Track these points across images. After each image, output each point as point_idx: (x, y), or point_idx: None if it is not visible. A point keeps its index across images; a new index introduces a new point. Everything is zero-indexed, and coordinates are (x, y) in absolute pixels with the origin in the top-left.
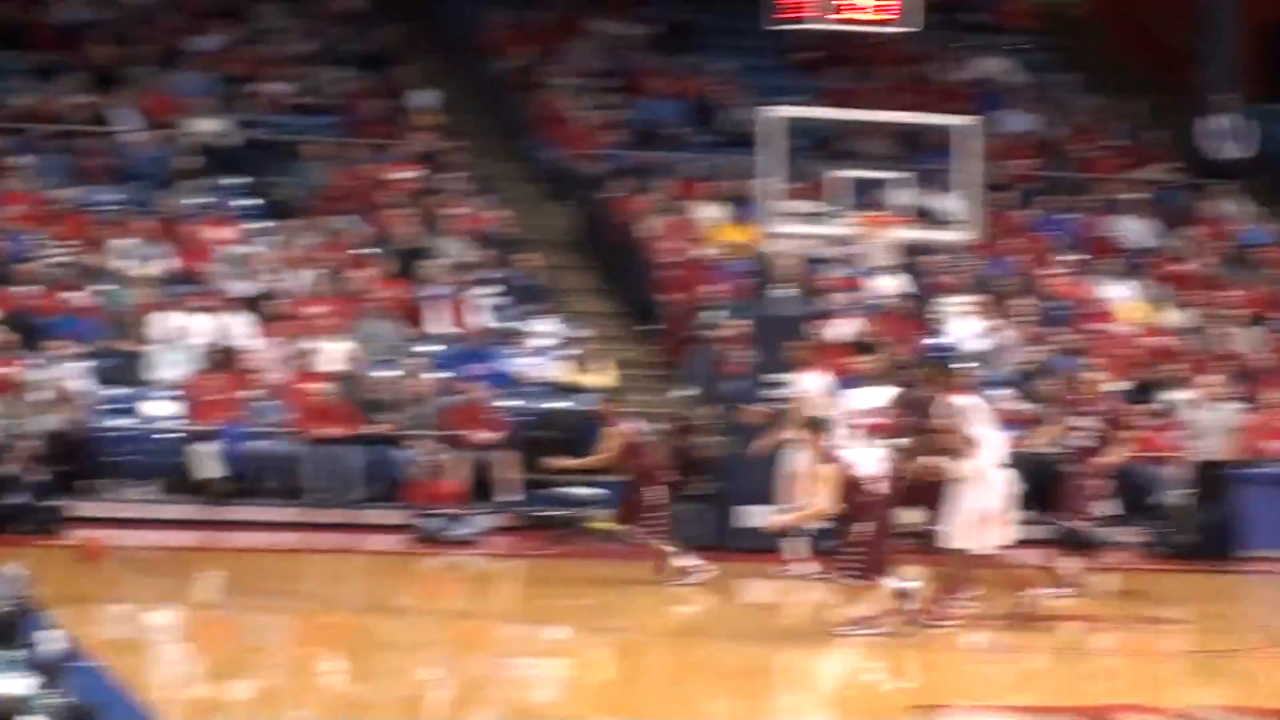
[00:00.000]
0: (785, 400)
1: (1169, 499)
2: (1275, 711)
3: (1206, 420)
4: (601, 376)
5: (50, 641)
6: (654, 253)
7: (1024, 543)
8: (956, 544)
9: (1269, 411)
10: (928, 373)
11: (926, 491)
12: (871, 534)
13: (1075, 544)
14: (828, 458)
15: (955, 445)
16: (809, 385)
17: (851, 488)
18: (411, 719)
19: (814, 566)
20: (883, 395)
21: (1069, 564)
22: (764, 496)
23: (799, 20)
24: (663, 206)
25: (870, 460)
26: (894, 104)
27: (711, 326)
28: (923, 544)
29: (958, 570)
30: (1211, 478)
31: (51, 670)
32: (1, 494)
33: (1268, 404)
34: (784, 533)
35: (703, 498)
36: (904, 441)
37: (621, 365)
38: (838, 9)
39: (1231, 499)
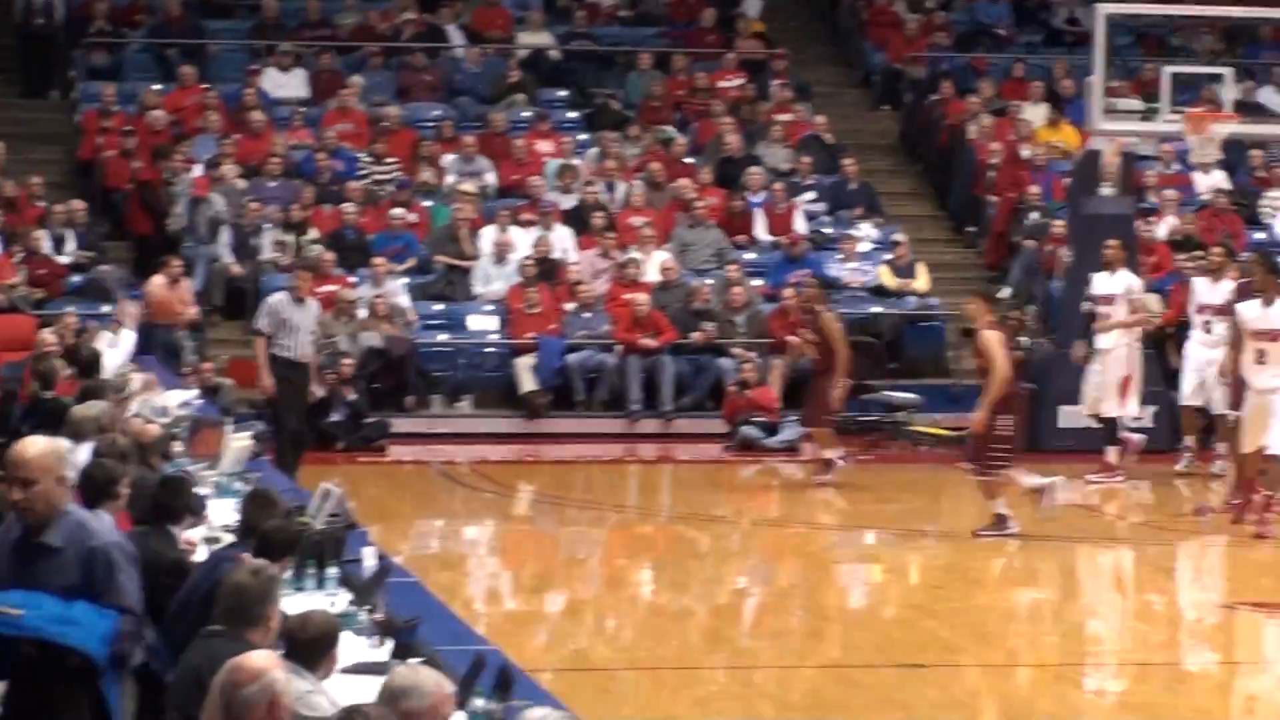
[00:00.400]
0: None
1: None
2: None
3: None
4: (920, 281)
5: (367, 558)
6: (978, 155)
7: None
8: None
9: None
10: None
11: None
12: None
13: None
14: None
15: None
16: (1126, 284)
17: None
18: (724, 626)
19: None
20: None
21: None
22: (1080, 399)
23: None
24: (988, 108)
25: None
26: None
27: (1035, 228)
28: None
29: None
30: None
31: (368, 587)
32: (324, 411)
33: None
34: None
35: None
36: None
37: (945, 269)
38: None
39: None
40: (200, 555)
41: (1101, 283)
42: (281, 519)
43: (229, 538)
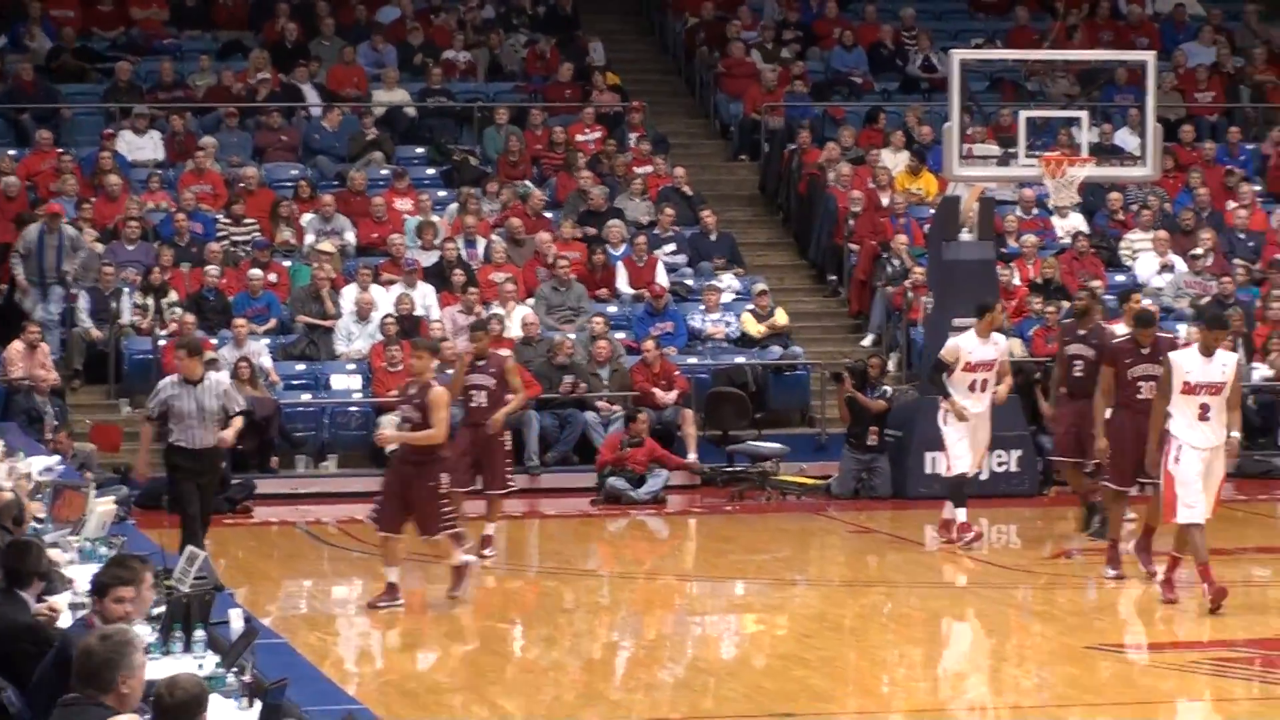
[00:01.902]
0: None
1: None
2: None
3: None
4: (778, 326)
5: (233, 620)
6: (838, 203)
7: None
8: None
9: None
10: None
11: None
12: None
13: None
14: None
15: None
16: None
17: None
18: (597, 681)
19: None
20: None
21: None
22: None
23: None
24: (847, 156)
25: None
26: (1076, 43)
27: (895, 274)
28: None
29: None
30: None
31: (236, 649)
32: None
33: None
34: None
35: (882, 447)
36: None
37: (807, 318)
38: None
39: None
40: (64, 621)
41: (979, 349)
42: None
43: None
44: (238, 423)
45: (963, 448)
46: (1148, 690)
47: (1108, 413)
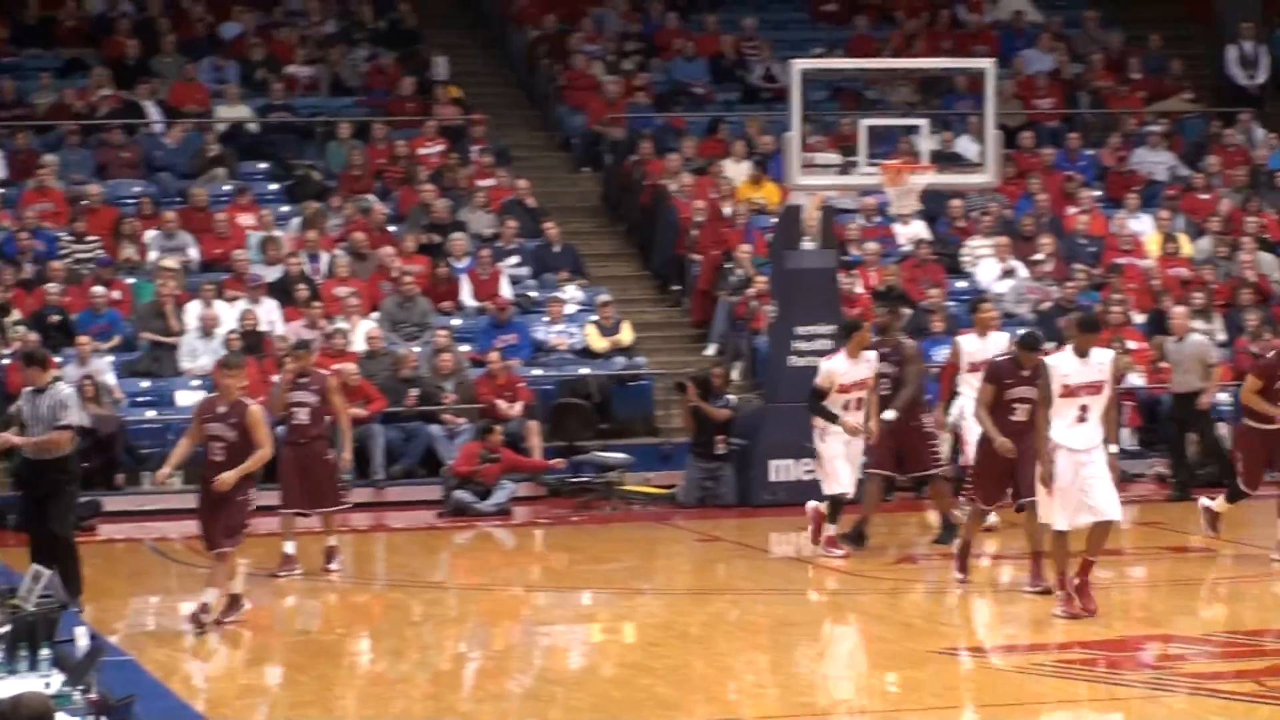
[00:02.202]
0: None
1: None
2: None
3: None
4: (623, 339)
5: (80, 638)
6: (680, 213)
7: None
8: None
9: None
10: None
11: None
12: None
13: None
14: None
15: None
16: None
17: None
18: (445, 692)
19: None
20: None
21: None
22: (789, 452)
23: None
24: (689, 166)
25: None
26: (916, 51)
27: (738, 283)
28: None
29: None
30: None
31: (82, 666)
32: None
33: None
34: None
35: (727, 455)
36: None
37: (651, 328)
38: None
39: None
40: None
41: (851, 369)
42: None
43: None
44: (55, 435)
45: (843, 467)
46: (990, 692)
47: (977, 432)
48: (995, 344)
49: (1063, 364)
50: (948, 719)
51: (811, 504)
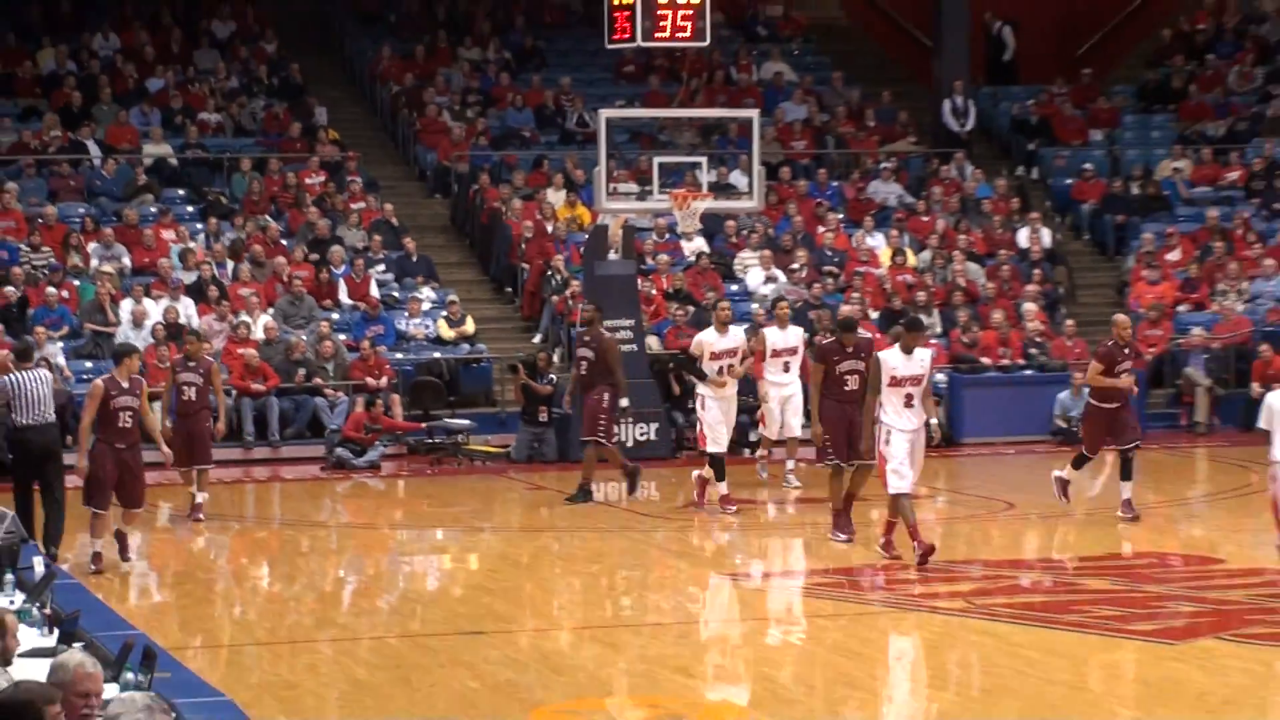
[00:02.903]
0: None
1: None
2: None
3: None
4: (469, 327)
5: (37, 565)
6: (513, 231)
7: None
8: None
9: (988, 330)
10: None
11: None
12: None
13: None
14: None
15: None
16: (740, 338)
17: None
18: (328, 609)
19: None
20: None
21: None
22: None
23: (626, 40)
24: (519, 194)
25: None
26: (698, 103)
27: (558, 286)
28: None
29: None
30: None
31: (39, 587)
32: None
33: (988, 324)
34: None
35: (550, 422)
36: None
37: (489, 321)
38: (654, 31)
39: None
40: None
41: (720, 340)
42: None
43: None
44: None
45: (720, 429)
46: (758, 608)
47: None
48: (793, 335)
49: (891, 359)
50: (725, 628)
51: (695, 473)
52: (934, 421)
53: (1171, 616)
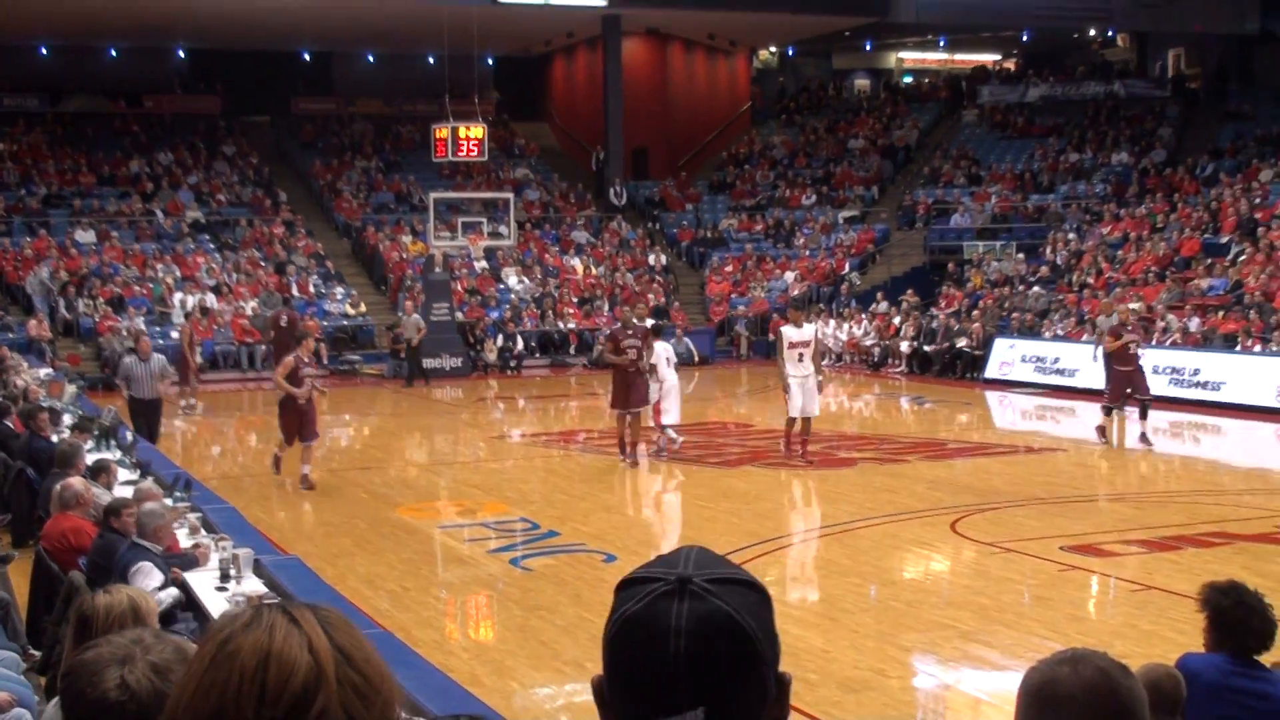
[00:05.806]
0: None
1: None
2: None
3: None
4: (360, 310)
5: (127, 435)
6: (385, 257)
7: None
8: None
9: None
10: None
11: None
12: None
13: None
14: None
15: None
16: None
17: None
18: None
19: None
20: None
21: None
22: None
23: (444, 156)
24: (388, 237)
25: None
26: (486, 187)
27: (408, 287)
28: None
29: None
30: None
31: (129, 447)
32: None
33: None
34: None
35: (403, 359)
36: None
37: (371, 305)
38: (457, 150)
39: None
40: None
41: (796, 333)
42: None
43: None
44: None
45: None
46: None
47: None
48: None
49: (789, 331)
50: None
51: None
52: (819, 376)
53: None
